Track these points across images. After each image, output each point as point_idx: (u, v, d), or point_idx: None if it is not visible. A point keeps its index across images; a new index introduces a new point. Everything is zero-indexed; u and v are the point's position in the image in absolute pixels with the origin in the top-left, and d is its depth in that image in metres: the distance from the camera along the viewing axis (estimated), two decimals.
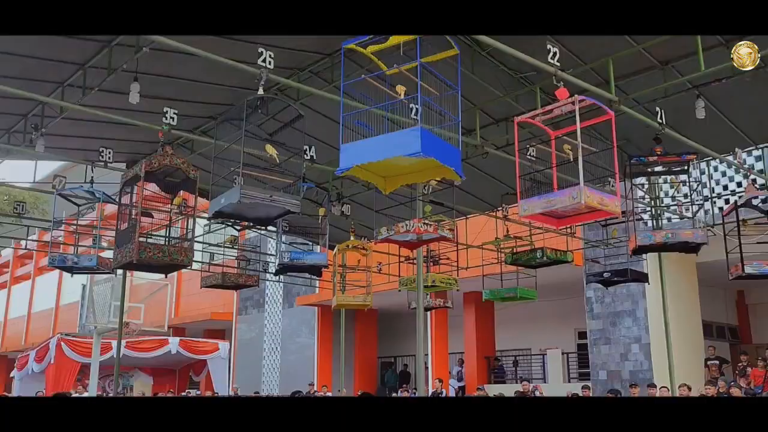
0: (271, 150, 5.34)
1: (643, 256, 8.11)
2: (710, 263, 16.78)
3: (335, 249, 8.55)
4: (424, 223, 5.51)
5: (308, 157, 6.93)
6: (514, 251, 8.29)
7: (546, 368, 18.43)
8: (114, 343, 18.93)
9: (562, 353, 18.09)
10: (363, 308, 8.84)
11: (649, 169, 6.55)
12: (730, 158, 7.63)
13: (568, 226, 5.23)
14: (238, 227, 7.41)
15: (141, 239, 5.65)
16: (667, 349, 8.75)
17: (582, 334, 19.12)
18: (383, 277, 12.42)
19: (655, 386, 13.62)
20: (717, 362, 16.08)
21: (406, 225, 5.52)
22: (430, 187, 6.27)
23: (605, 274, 8.71)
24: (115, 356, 19.13)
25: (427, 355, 19.37)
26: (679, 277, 16.35)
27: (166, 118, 6.06)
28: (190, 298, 25.57)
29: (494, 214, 8.60)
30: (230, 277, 9.17)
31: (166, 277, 21.29)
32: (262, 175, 5.24)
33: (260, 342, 23.49)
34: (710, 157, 8.61)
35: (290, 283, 19.99)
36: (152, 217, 6.21)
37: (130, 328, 13.81)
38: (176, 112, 6.09)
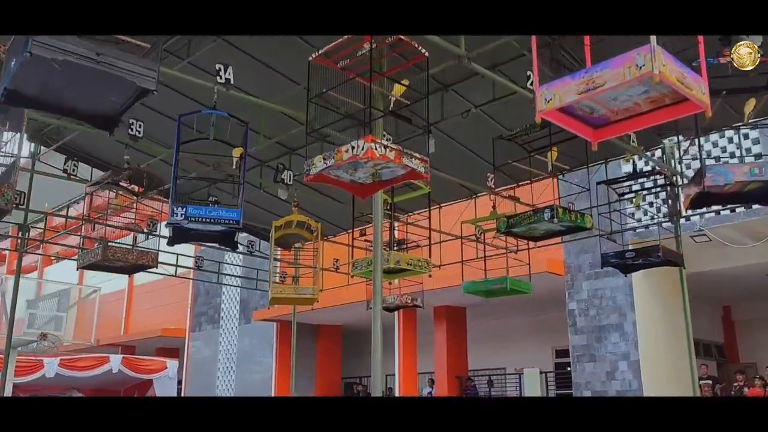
0: None
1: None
2: (697, 274, 14.97)
3: (272, 228, 6.30)
4: (382, 146, 3.31)
5: (222, 80, 4.73)
6: (509, 216, 5.84)
7: (522, 389, 16.27)
8: (46, 360, 16.36)
9: (540, 372, 15.97)
10: (310, 304, 6.59)
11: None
12: None
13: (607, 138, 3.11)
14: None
15: None
16: (690, 366, 6.62)
17: (560, 353, 17.20)
18: (345, 282, 10.09)
19: None
20: (710, 382, 14.29)
21: (353, 148, 3.33)
22: (393, 100, 4.10)
23: (627, 255, 6.47)
24: (48, 375, 16.65)
25: (393, 375, 17.16)
26: (668, 290, 14.43)
27: None
28: (142, 313, 22.87)
29: (488, 184, 6.33)
30: (115, 254, 6.74)
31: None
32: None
33: (215, 361, 20.85)
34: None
35: (245, 287, 17.56)
36: None
37: (48, 340, 11.22)
38: None
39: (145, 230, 7.46)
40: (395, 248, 6.66)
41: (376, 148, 3.30)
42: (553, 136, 5.22)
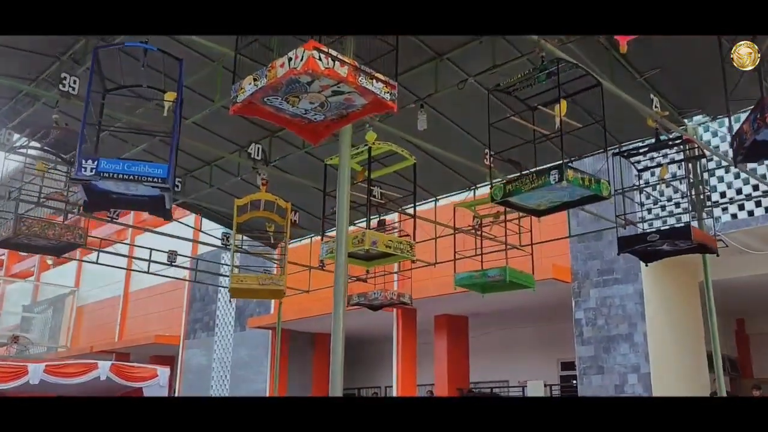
0: None
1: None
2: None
3: (234, 206, 5.31)
4: (328, 56, 2.32)
5: None
6: (507, 182, 4.62)
7: None
8: (30, 366, 15.38)
9: (545, 385, 14.84)
10: (278, 297, 5.61)
11: None
12: None
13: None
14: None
15: None
16: (719, 383, 5.55)
17: (566, 365, 16.11)
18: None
19: None
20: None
21: (290, 60, 2.34)
22: None
23: (650, 238, 5.31)
24: (32, 382, 15.68)
25: (391, 386, 16.07)
26: (682, 300, 13.36)
27: None
28: (137, 319, 21.86)
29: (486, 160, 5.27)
30: (30, 228, 5.64)
31: None
32: None
33: (209, 369, 19.79)
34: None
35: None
36: None
37: (20, 343, 10.24)
38: None
39: (69, 202, 6.38)
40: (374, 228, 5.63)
41: (320, 59, 2.31)
42: (562, 86, 4.22)
